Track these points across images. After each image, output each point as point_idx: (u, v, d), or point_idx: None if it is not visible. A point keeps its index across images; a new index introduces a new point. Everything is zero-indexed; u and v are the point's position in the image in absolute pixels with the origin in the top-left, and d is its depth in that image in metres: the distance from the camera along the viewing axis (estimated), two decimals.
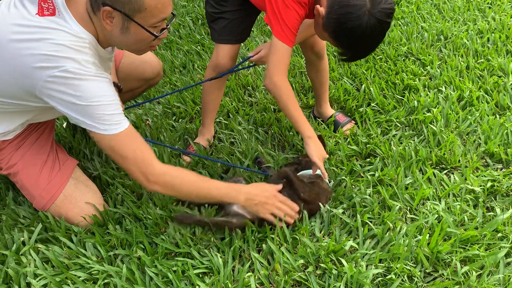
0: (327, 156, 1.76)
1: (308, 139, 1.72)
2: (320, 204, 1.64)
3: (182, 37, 3.31)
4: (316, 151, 1.71)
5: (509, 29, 2.88)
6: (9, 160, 1.64)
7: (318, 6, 1.58)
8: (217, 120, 2.28)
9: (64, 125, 2.26)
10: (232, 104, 2.40)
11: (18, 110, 1.49)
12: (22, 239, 1.57)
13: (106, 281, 1.43)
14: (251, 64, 2.17)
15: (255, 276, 1.43)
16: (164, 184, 1.45)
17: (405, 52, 2.78)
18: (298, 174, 1.71)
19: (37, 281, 1.42)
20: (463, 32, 2.92)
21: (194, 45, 3.15)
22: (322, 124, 2.20)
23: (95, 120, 1.34)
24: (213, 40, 1.95)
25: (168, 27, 1.43)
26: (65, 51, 1.27)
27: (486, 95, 2.28)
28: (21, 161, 1.64)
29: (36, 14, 1.29)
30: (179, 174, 1.49)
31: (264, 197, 1.54)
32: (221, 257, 1.48)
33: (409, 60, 2.69)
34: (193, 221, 1.56)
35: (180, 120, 2.35)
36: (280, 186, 1.60)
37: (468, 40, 2.81)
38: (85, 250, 1.54)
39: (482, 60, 2.61)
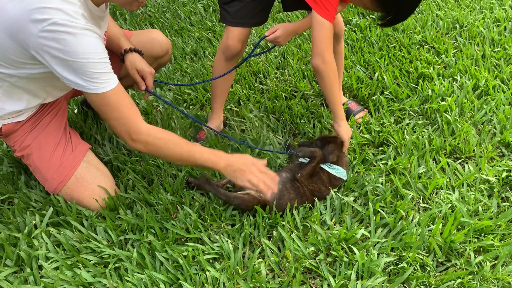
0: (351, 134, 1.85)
1: (342, 121, 1.80)
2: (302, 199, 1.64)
3: (193, 24, 3.29)
4: (347, 132, 1.80)
5: None
6: (23, 142, 1.64)
7: None
8: (228, 107, 2.26)
9: (75, 110, 2.26)
10: (243, 92, 2.38)
11: (21, 83, 1.49)
12: (34, 222, 1.58)
13: (116, 265, 1.44)
14: (265, 50, 2.14)
15: (265, 263, 1.42)
16: (147, 144, 1.47)
17: (419, 40, 2.73)
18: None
19: (49, 264, 1.43)
20: (479, 21, 2.86)
21: (205, 32, 3.13)
22: None
23: (84, 77, 1.34)
24: (223, 23, 1.91)
25: None
26: (54, 1, 1.26)
27: (502, 84, 2.23)
28: (34, 143, 1.65)
29: None
30: (164, 136, 1.50)
31: (242, 165, 1.54)
32: (231, 243, 1.48)
33: (423, 48, 2.65)
34: (213, 190, 1.60)
35: (191, 107, 2.34)
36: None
37: (484, 29, 2.75)
38: (96, 234, 1.55)
39: (498, 49, 2.55)
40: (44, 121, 1.70)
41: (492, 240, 1.43)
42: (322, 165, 1.70)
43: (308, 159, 1.69)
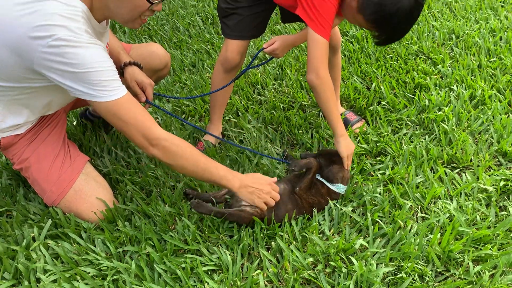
0: (353, 149, 1.78)
1: (340, 138, 1.74)
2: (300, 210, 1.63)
3: (192, 37, 3.32)
4: (346, 148, 1.73)
5: None
6: (22, 155, 1.65)
7: None
8: (226, 118, 2.28)
9: (75, 123, 2.28)
10: (241, 103, 2.40)
11: (23, 96, 1.50)
12: (32, 235, 1.58)
13: (115, 277, 1.43)
14: (263, 62, 2.17)
15: (264, 274, 1.42)
16: (165, 149, 1.45)
17: (415, 51, 2.75)
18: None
19: (47, 277, 1.42)
20: (475, 31, 2.89)
21: (204, 44, 3.16)
22: None
23: (93, 87, 1.34)
24: (223, 35, 1.95)
25: (163, 0, 1.44)
26: (57, 19, 1.27)
27: (498, 94, 2.25)
28: (33, 156, 1.65)
29: None
30: (181, 143, 1.49)
31: (259, 185, 1.55)
32: (230, 254, 1.48)
33: (420, 59, 2.67)
34: (207, 211, 1.56)
35: (189, 118, 2.35)
36: (275, 179, 1.61)
37: (480, 39, 2.78)
38: (94, 246, 1.55)
39: (494, 59, 2.57)
40: (43, 133, 1.71)
41: (490, 249, 1.42)
42: (323, 180, 1.70)
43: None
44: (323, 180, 1.70)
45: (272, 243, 1.52)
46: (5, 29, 1.31)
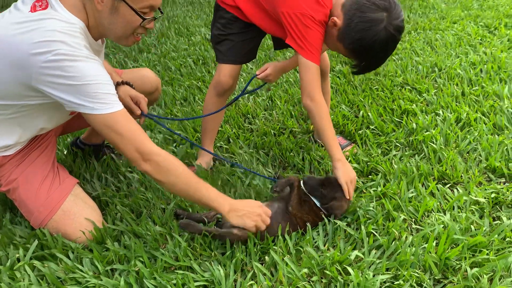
0: (355, 177, 1.71)
1: (338, 162, 1.71)
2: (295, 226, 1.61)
3: (184, 75, 3.40)
4: (344, 174, 1.67)
5: (500, 60, 2.96)
6: (9, 176, 1.63)
7: (333, 17, 1.66)
8: (218, 145, 2.29)
9: (65, 152, 2.27)
10: (232, 131, 2.42)
11: (17, 115, 1.51)
12: (17, 255, 1.52)
13: None
14: (256, 88, 2.24)
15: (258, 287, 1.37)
16: (157, 164, 1.44)
17: (400, 82, 2.84)
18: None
19: None
20: (456, 64, 3.00)
21: (195, 81, 3.23)
22: (323, 147, 2.21)
23: (91, 99, 1.36)
24: (217, 61, 2.02)
25: (155, 18, 1.50)
26: (57, 35, 1.31)
27: (483, 117, 2.30)
28: (21, 177, 1.63)
29: (29, 12, 1.36)
30: (174, 161, 1.48)
31: (250, 207, 1.53)
32: (222, 270, 1.43)
33: (405, 89, 2.75)
34: (197, 231, 1.53)
35: (180, 146, 2.35)
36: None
37: (461, 71, 2.89)
38: (82, 266, 1.49)
39: (476, 87, 2.66)
40: (32, 155, 1.70)
41: (487, 254, 1.40)
42: (322, 209, 1.66)
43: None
44: (322, 209, 1.66)
45: (266, 257, 1.48)
46: (3, 46, 1.35)
